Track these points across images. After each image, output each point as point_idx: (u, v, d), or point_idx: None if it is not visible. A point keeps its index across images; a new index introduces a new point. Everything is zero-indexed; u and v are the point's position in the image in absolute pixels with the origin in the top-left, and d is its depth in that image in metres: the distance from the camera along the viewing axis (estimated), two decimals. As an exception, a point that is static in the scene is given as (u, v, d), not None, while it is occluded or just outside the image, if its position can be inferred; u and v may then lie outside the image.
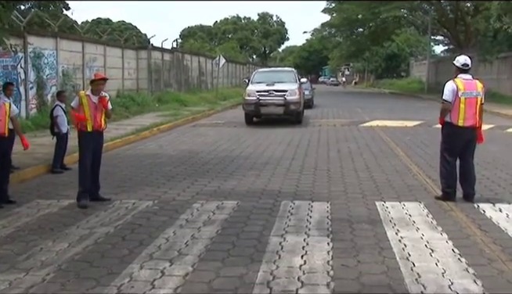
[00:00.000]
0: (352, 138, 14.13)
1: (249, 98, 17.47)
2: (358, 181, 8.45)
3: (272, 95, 17.18)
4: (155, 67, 27.57)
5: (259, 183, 8.32)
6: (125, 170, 9.72)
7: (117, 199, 7.24)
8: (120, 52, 24.31)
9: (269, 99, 17.19)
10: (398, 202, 6.95)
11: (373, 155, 11.21)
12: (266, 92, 17.21)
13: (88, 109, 7.02)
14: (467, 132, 6.93)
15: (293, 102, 17.23)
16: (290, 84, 17.90)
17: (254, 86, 17.97)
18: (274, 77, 18.73)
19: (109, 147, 12.34)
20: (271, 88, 17.34)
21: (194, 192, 7.66)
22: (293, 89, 17.40)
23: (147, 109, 22.19)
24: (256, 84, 18.20)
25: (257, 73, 19.78)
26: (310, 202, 6.93)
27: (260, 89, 17.37)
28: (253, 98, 17.29)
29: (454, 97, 6.86)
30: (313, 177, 8.83)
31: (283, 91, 17.18)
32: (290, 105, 17.16)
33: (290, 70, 20.74)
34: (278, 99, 17.13)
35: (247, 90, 17.80)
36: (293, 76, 19.11)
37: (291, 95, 17.20)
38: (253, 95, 17.32)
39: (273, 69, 23.31)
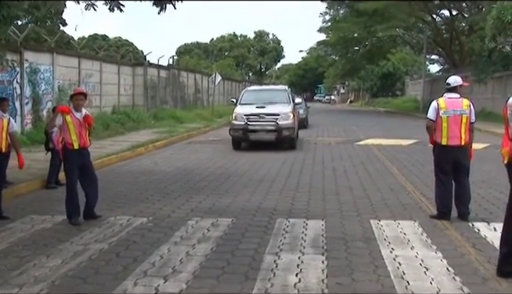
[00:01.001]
0: (347, 156, 14.19)
1: (236, 122, 15.51)
2: (353, 199, 8.48)
3: (262, 120, 15.31)
4: (151, 84, 27.69)
5: (254, 200, 8.34)
6: (120, 186, 9.72)
7: (111, 216, 7.23)
8: (117, 68, 24.44)
9: (259, 124, 15.30)
10: (393, 220, 6.98)
11: (368, 173, 11.26)
12: (256, 116, 15.34)
13: (72, 126, 6.94)
14: (453, 151, 6.92)
15: (287, 128, 15.35)
16: (282, 105, 16.09)
17: (242, 108, 16.01)
18: (265, 96, 17.01)
19: (105, 163, 12.36)
20: (261, 112, 15.43)
21: (189, 209, 7.67)
22: (286, 112, 15.50)
23: (143, 126, 22.23)
24: (244, 105, 16.27)
25: (246, 93, 17.69)
26: (305, 220, 6.95)
27: (249, 112, 15.48)
28: (240, 122, 15.38)
29: (436, 115, 6.95)
30: (308, 194, 8.85)
31: (274, 114, 15.33)
32: (282, 131, 15.27)
33: (283, 89, 18.47)
34: (269, 124, 15.26)
35: (234, 113, 15.78)
36: (286, 96, 17.09)
37: (284, 120, 15.32)
38: (240, 119, 15.40)
39: (264, 88, 21.48)
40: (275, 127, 15.22)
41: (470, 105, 7.02)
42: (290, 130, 15.46)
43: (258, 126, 15.30)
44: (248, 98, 16.90)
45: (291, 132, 15.50)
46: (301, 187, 9.58)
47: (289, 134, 15.42)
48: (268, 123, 15.28)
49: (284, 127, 15.28)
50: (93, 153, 12.31)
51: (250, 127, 15.28)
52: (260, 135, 15.36)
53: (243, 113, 15.44)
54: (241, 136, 15.40)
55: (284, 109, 15.64)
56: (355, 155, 14.56)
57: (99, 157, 12.59)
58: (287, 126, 15.36)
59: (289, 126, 15.40)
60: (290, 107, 16.06)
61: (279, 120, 15.24)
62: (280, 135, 15.26)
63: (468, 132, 6.99)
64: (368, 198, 8.49)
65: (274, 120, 15.24)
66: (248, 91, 18.19)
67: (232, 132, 15.70)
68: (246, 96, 17.13)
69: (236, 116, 15.62)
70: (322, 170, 11.82)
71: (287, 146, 15.54)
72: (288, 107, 15.98)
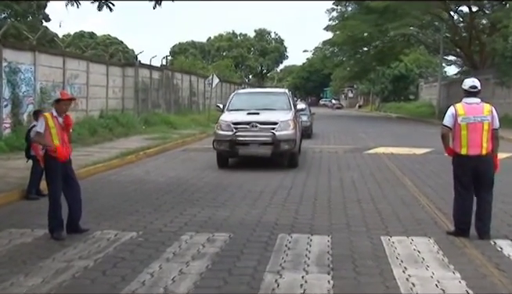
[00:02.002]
0: (356, 166, 14.20)
1: (221, 132, 13.40)
2: (362, 213, 8.47)
3: (255, 129, 13.20)
4: (142, 86, 27.76)
5: (254, 214, 8.32)
6: (108, 197, 9.72)
7: (97, 230, 7.22)
8: (105, 69, 24.49)
9: (251, 135, 13.20)
10: (406, 236, 6.97)
11: (378, 184, 11.26)
12: (247, 125, 13.25)
13: (55, 131, 6.96)
14: (473, 161, 6.86)
15: (286, 140, 13.19)
16: (281, 112, 14.02)
17: (229, 115, 13.94)
18: (259, 101, 14.95)
19: (91, 172, 12.36)
20: (254, 119, 13.34)
21: (183, 223, 7.66)
22: (285, 121, 13.44)
23: (133, 132, 22.27)
24: (233, 111, 14.25)
25: (237, 96, 15.62)
26: (309, 236, 6.94)
27: (238, 120, 13.42)
28: (227, 132, 13.26)
29: (453, 122, 6.92)
30: (313, 208, 8.85)
31: (271, 123, 13.26)
32: (280, 144, 13.10)
33: (282, 92, 16.26)
34: (264, 135, 13.14)
35: (220, 121, 13.74)
36: (285, 100, 14.94)
37: (283, 130, 13.20)
38: (227, 129, 13.31)
39: (259, 91, 19.11)
40: (272, 139, 13.03)
41: (492, 110, 6.98)
42: (291, 144, 13.25)
43: (250, 137, 13.17)
44: (238, 102, 14.84)
45: (291, 145, 13.28)
46: (304, 199, 9.58)
47: (288, 147, 13.24)
48: (262, 134, 13.15)
49: (283, 139, 13.09)
50: (79, 161, 12.44)
51: (240, 138, 13.11)
52: (251, 149, 13.23)
53: (231, 121, 13.36)
54: (227, 150, 13.27)
55: (283, 117, 13.58)
56: (363, 164, 14.57)
57: (85, 165, 12.60)
58: (287, 137, 13.19)
59: (289, 137, 13.23)
60: (291, 114, 13.93)
61: (276, 129, 13.11)
62: (278, 149, 13.09)
63: (491, 140, 6.92)
64: (378, 212, 8.48)
65: (270, 129, 13.12)
66: (239, 94, 16.18)
67: (216, 145, 13.51)
68: (236, 100, 15.05)
69: (221, 124, 13.52)
70: (328, 180, 11.82)
71: (287, 164, 13.62)
72: (288, 114, 13.89)
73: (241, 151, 13.22)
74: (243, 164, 14.02)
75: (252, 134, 13.19)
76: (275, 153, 13.22)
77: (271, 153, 13.16)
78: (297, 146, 14.14)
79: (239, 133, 13.17)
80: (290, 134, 13.30)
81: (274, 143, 13.07)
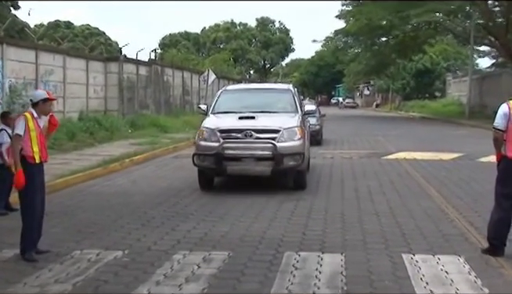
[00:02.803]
0: (373, 174, 14.23)
1: (204, 143, 11.66)
2: (381, 227, 8.48)
3: (249, 140, 11.46)
4: (128, 83, 27.82)
5: (256, 229, 8.34)
6: (88, 211, 9.75)
7: (76, 249, 7.23)
8: (85, 64, 24.58)
9: (244, 147, 11.47)
10: (432, 255, 6.97)
11: (398, 195, 11.28)
12: (239, 133, 11.51)
13: (35, 135, 6.99)
14: None
15: (292, 154, 11.46)
16: (285, 116, 12.47)
17: (215, 119, 12.33)
18: (256, 100, 13.30)
19: (69, 182, 12.40)
20: (248, 126, 11.61)
21: (175, 240, 7.67)
22: (291, 127, 11.77)
23: (118, 136, 22.31)
24: (220, 114, 12.71)
25: (225, 94, 13.85)
26: (320, 254, 6.95)
27: (227, 126, 11.77)
28: (211, 143, 11.46)
29: (506, 123, 6.82)
30: (324, 222, 8.86)
31: (271, 130, 11.56)
32: (284, 160, 11.38)
33: (286, 89, 14.32)
34: (261, 148, 11.42)
35: (202, 127, 11.99)
36: (290, 99, 13.32)
37: (288, 140, 11.53)
38: (212, 138, 11.54)
39: (255, 87, 16.61)
40: (272, 153, 11.30)
41: None
42: (297, 159, 11.52)
43: (242, 150, 11.44)
44: (227, 102, 13.25)
45: (298, 161, 11.54)
46: (314, 212, 9.58)
47: (294, 164, 11.52)
48: (259, 146, 11.44)
49: (287, 153, 11.38)
50: (55, 170, 12.50)
51: (229, 151, 11.37)
52: (245, 166, 11.51)
53: (217, 128, 11.62)
54: (212, 167, 11.57)
55: (287, 122, 11.93)
56: (382, 172, 14.59)
57: (62, 175, 12.62)
58: (292, 150, 11.48)
59: (295, 150, 11.52)
60: (297, 118, 12.31)
61: (278, 140, 11.40)
62: (280, 166, 11.37)
63: None
64: (399, 227, 8.49)
65: (270, 140, 11.40)
66: (228, 91, 14.32)
67: (196, 160, 11.77)
68: (225, 100, 13.38)
69: (203, 132, 11.80)
70: (342, 190, 11.85)
71: (292, 185, 11.99)
72: (293, 118, 12.27)
73: (230, 168, 11.44)
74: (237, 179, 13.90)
75: (245, 145, 11.44)
76: (277, 171, 11.49)
77: (271, 171, 11.41)
78: (306, 161, 12.38)
79: (228, 144, 11.37)
80: (296, 146, 11.55)
81: (275, 158, 11.29)
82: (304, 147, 11.88)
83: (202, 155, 11.67)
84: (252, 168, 11.56)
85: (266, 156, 11.43)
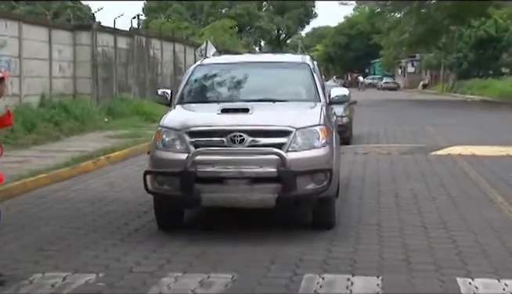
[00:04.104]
0: (418, 175, 14.19)
1: (163, 154, 9.14)
2: (429, 243, 8.44)
3: (239, 147, 8.80)
4: (103, 59, 27.81)
5: (268, 244, 8.33)
6: (52, 222, 9.74)
7: (37, 271, 7.22)
8: (47, 34, 24.51)
9: (230, 161, 8.77)
10: (496, 279, 6.93)
11: (452, 201, 11.22)
12: (221, 137, 8.88)
13: None
14: None
15: (311, 171, 8.77)
16: (298, 107, 10.13)
17: (184, 113, 10.00)
18: (251, 83, 11.13)
19: (29, 186, 12.39)
20: (236, 124, 9.06)
21: (164, 259, 7.67)
22: (309, 126, 9.16)
23: (90, 126, 22.31)
24: (193, 105, 10.44)
25: (200, 71, 11.29)
26: (349, 277, 6.93)
27: (201, 125, 9.30)
28: (176, 155, 8.92)
29: None
30: (355, 236, 8.84)
31: (275, 132, 9.03)
32: (298, 181, 8.67)
33: (300, 63, 11.50)
34: (259, 161, 8.73)
35: (161, 127, 9.43)
36: (307, 80, 10.81)
37: (304, 147, 8.93)
38: (176, 146, 9.06)
39: (249, 60, 13.48)
40: (277, 170, 8.60)
41: None
42: (320, 179, 8.81)
43: (227, 165, 8.75)
44: (205, 85, 11.26)
45: (322, 182, 8.79)
46: (342, 223, 9.56)
47: (316, 187, 8.80)
48: (255, 158, 8.77)
49: (303, 170, 8.68)
50: (10, 170, 12.43)
51: (204, 168, 8.70)
52: (231, 193, 8.76)
53: (186, 128, 9.06)
54: (175, 194, 8.89)
55: (303, 117, 9.43)
56: (430, 172, 14.53)
57: (19, 177, 12.61)
58: (312, 164, 8.82)
59: (316, 164, 8.86)
60: (320, 111, 9.75)
61: (288, 146, 8.82)
62: (291, 191, 8.63)
63: None
64: (453, 243, 8.44)
65: (273, 147, 8.78)
66: (206, 67, 11.63)
67: (151, 183, 9.11)
68: (201, 81, 11.21)
69: (162, 136, 9.25)
70: (377, 196, 11.82)
71: (313, 220, 9.51)
72: (313, 111, 9.81)
73: (207, 197, 8.67)
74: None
75: (233, 158, 8.77)
76: (287, 201, 8.73)
77: (276, 201, 8.59)
78: (335, 182, 9.56)
79: (202, 156, 8.72)
80: (318, 158, 8.95)
81: (283, 178, 8.60)
82: (331, 158, 9.17)
83: (159, 174, 9.04)
84: (244, 196, 8.69)
85: (268, 176, 8.67)
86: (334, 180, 9.19)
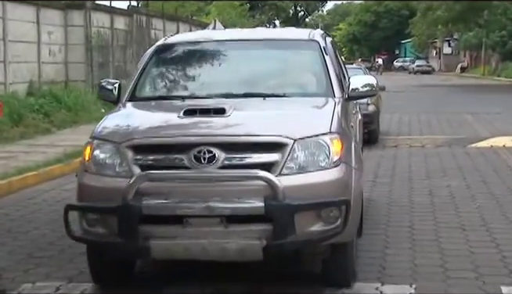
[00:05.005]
0: (456, 170, 14.19)
1: (94, 179, 7.08)
2: (469, 247, 8.43)
3: (207, 169, 6.61)
4: (99, 42, 27.81)
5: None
6: (43, 227, 9.77)
7: (26, 281, 7.25)
8: (34, 13, 24.52)
9: (192, 191, 6.64)
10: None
11: (496, 200, 11.19)
12: (181, 153, 6.74)
13: None
14: None
15: (316, 204, 6.66)
16: (300, 105, 8.08)
17: (130, 117, 7.90)
18: (232, 70, 9.06)
19: (15, 185, 12.43)
20: (202, 133, 7.13)
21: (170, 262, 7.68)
22: (313, 136, 6.94)
23: (85, 118, 22.29)
24: (148, 104, 8.52)
25: (160, 55, 9.19)
26: (378, 286, 6.97)
27: (151, 135, 7.18)
28: (113, 180, 6.87)
29: None
30: (384, 238, 8.87)
31: (260, 145, 6.81)
32: (296, 221, 6.53)
33: (306, 41, 9.36)
34: (236, 191, 6.61)
35: (94, 138, 7.36)
36: (315, 65, 8.70)
37: (306, 167, 6.78)
38: (113, 166, 6.97)
39: (231, 37, 10.32)
40: (265, 203, 6.43)
41: None
42: (331, 217, 6.67)
43: (188, 196, 6.61)
44: (164, 75, 9.23)
45: (334, 222, 6.64)
46: (370, 224, 9.52)
47: (324, 230, 6.68)
48: (230, 187, 6.61)
49: (304, 204, 6.57)
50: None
51: (153, 200, 6.57)
52: (195, 239, 6.58)
53: (128, 140, 6.91)
54: (112, 241, 6.76)
55: (306, 121, 7.36)
56: (469, 167, 14.53)
57: (5, 175, 12.65)
58: (318, 194, 6.64)
59: (325, 195, 6.64)
60: (330, 110, 7.55)
61: (280, 167, 6.65)
62: (286, 237, 6.51)
63: None
64: (496, 247, 8.43)
65: (258, 167, 6.62)
66: (168, 46, 9.47)
67: (78, 222, 6.97)
68: (160, 70, 9.17)
69: (94, 152, 7.20)
70: (409, 193, 11.82)
71: (322, 273, 7.38)
72: (322, 112, 7.72)
73: (159, 245, 6.57)
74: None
75: (197, 185, 6.61)
76: (280, 250, 6.64)
77: (264, 250, 6.43)
78: (356, 218, 7.16)
79: (150, 183, 6.59)
80: (329, 184, 6.75)
81: (274, 217, 6.46)
82: (348, 183, 6.90)
83: (90, 209, 6.95)
84: (214, 244, 6.52)
85: (251, 213, 6.50)
86: (354, 215, 6.83)
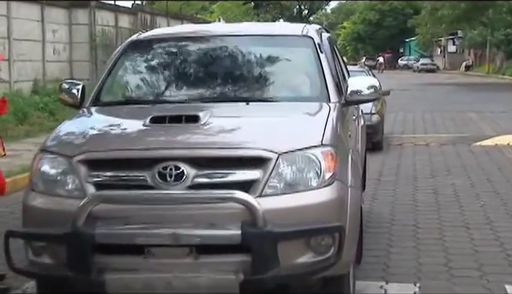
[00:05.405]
0: (460, 168, 14.22)
1: (41, 202, 5.98)
2: (473, 246, 8.43)
3: (174, 192, 5.49)
4: (103, 40, 27.81)
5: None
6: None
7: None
8: (39, 12, 24.53)
9: (154, 215, 5.50)
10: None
11: (500, 199, 11.19)
12: (143, 170, 5.64)
13: None
14: None
15: (302, 232, 5.55)
16: (287, 109, 6.98)
17: (87, 125, 6.98)
18: (210, 70, 7.78)
19: (19, 183, 12.37)
20: (169, 147, 5.88)
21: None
22: (302, 149, 5.79)
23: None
24: (112, 109, 7.53)
25: (130, 55, 8.10)
26: (382, 284, 6.96)
27: (110, 150, 6.07)
28: (62, 207, 5.75)
29: None
30: (388, 237, 8.85)
31: (237, 160, 5.70)
32: (279, 252, 5.42)
33: (298, 36, 8.16)
34: (207, 215, 5.49)
35: (42, 151, 6.56)
36: (309, 63, 7.60)
37: (292, 187, 5.65)
38: (64, 188, 5.88)
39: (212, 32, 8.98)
40: (240, 230, 5.38)
41: None
42: (322, 246, 5.61)
43: (145, 220, 5.55)
44: (134, 76, 8.13)
45: (326, 252, 5.59)
46: (374, 223, 9.58)
47: (314, 261, 5.63)
48: (198, 212, 5.53)
49: (290, 232, 5.52)
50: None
51: (108, 228, 5.53)
52: (156, 273, 5.54)
53: (79, 154, 5.86)
54: (60, 274, 5.73)
55: (292, 133, 6.16)
56: (473, 165, 14.55)
57: (10, 173, 12.63)
58: (306, 221, 5.56)
59: (315, 221, 5.56)
60: (323, 118, 6.46)
61: (261, 187, 5.56)
62: (266, 270, 5.44)
63: None
64: (500, 246, 8.43)
65: (234, 187, 5.53)
66: (141, 43, 8.29)
67: (25, 252, 6.06)
68: (129, 70, 8.17)
69: (42, 169, 6.25)
70: (413, 192, 11.82)
71: None
72: (314, 120, 6.62)
73: (115, 280, 5.52)
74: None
75: (162, 208, 5.53)
76: (259, 286, 5.58)
77: (241, 287, 5.42)
78: (352, 245, 5.99)
79: (106, 205, 5.56)
80: (319, 207, 5.66)
81: (253, 247, 5.43)
82: (343, 206, 5.80)
83: (33, 236, 5.95)
84: (181, 279, 5.48)
85: (225, 243, 5.47)
86: (350, 243, 5.77)
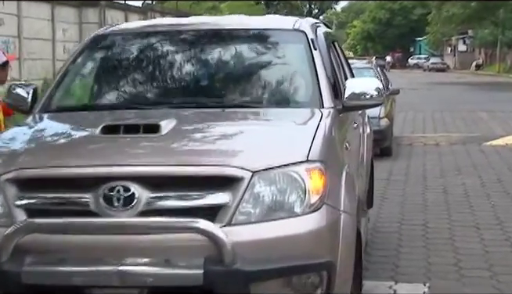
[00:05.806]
0: (471, 168, 14.21)
1: None
2: (483, 246, 8.43)
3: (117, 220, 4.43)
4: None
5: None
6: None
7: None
8: (49, 11, 24.60)
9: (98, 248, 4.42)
10: None
11: (510, 198, 11.24)
12: (87, 191, 4.49)
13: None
14: None
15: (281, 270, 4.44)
16: (271, 116, 6.01)
17: (27, 135, 5.94)
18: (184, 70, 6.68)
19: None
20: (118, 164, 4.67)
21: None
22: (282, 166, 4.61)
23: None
24: (65, 116, 6.55)
25: (96, 48, 7.39)
26: (392, 284, 6.95)
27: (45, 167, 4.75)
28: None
29: None
30: (398, 237, 8.85)
31: (202, 181, 4.55)
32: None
33: (289, 31, 6.79)
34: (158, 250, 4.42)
35: None
36: (300, 63, 6.37)
37: (269, 213, 4.54)
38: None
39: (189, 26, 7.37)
40: (203, 268, 4.29)
41: None
42: (307, 286, 4.58)
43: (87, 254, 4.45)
44: (94, 78, 7.27)
45: (313, 292, 4.61)
46: (383, 222, 9.63)
47: None
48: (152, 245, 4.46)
49: (264, 270, 4.39)
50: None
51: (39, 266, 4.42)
52: None
53: (9, 171, 4.67)
54: None
55: (271, 146, 4.97)
56: (484, 165, 14.54)
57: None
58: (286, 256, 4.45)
59: (297, 256, 4.47)
60: (313, 127, 5.26)
61: (230, 214, 4.44)
62: None
63: None
64: (511, 246, 8.45)
65: (194, 213, 4.43)
66: (105, 39, 7.43)
67: None
68: (90, 70, 7.45)
69: None
70: (423, 192, 11.82)
71: None
72: (301, 129, 5.54)
73: None
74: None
75: (107, 239, 4.46)
76: None
77: None
78: (347, 286, 4.95)
79: (38, 236, 4.41)
80: (302, 239, 4.54)
81: (217, 289, 4.35)
82: (334, 238, 4.73)
83: None
84: None
85: (184, 284, 4.42)
86: (342, 281, 4.79)
